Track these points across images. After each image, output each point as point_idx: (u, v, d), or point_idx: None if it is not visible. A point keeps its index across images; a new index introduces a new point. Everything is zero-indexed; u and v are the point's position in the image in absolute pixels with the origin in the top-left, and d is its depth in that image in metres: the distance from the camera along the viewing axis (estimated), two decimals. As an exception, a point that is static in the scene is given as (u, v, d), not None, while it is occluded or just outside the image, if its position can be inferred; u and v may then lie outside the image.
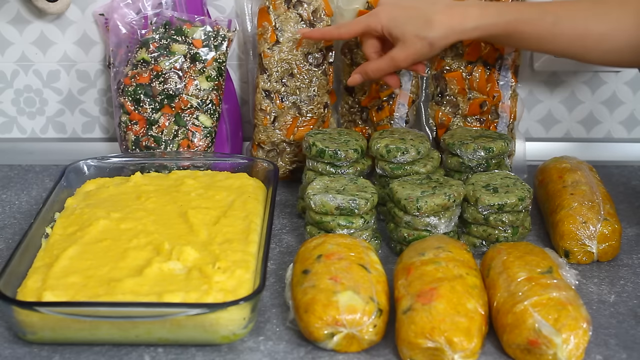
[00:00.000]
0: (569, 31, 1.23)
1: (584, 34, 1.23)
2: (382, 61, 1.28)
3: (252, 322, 1.08)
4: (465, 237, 1.28)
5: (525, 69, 1.50)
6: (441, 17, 1.23)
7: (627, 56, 1.23)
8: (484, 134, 1.38)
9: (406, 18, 1.24)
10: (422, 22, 1.23)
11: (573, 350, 1.01)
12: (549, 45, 1.26)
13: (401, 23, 1.24)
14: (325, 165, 1.32)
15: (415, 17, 1.24)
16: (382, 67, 1.29)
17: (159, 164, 1.39)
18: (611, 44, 1.22)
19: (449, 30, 1.23)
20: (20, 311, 1.04)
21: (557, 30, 1.23)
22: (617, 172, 1.53)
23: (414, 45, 1.24)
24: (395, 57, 1.26)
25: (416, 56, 1.25)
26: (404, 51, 1.25)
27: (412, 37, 1.23)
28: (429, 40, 1.23)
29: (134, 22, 1.46)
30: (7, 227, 1.36)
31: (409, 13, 1.25)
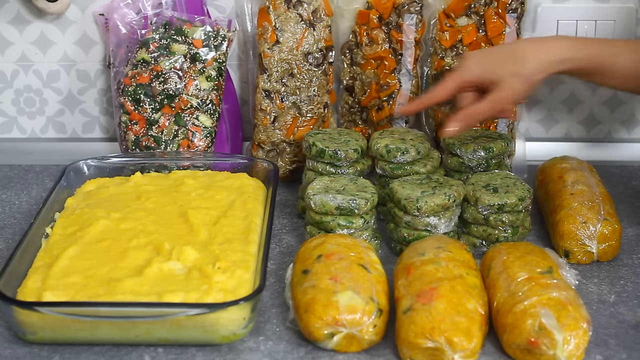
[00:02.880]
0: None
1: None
2: (482, 107, 1.23)
3: (252, 322, 1.08)
4: (465, 237, 1.28)
5: (525, 69, 1.50)
6: (532, 52, 1.22)
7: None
8: (484, 134, 1.38)
9: (498, 60, 1.24)
10: (515, 60, 1.22)
11: (573, 350, 1.01)
12: (637, 81, 1.23)
13: (494, 66, 1.23)
14: (325, 165, 1.32)
15: (506, 57, 1.24)
16: (482, 113, 1.24)
17: (159, 164, 1.39)
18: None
19: (542, 63, 1.21)
20: (20, 311, 1.04)
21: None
22: (617, 172, 1.53)
23: (511, 85, 1.21)
24: (496, 100, 1.22)
25: (515, 95, 1.22)
26: (503, 91, 1.22)
27: (509, 77, 1.21)
28: (525, 77, 1.21)
29: (134, 22, 1.46)
30: (7, 227, 1.36)
31: (499, 55, 1.25)
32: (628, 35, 1.52)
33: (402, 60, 1.44)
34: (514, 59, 1.22)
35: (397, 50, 1.45)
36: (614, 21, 1.51)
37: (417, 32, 1.44)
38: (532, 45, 1.24)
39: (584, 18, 1.52)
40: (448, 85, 1.26)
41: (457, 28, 1.44)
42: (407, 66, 1.45)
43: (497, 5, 1.42)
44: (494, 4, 1.42)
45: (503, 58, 1.24)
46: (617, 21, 1.52)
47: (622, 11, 1.52)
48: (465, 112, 1.24)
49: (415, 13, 1.43)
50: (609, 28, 1.52)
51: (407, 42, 1.44)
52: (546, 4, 1.51)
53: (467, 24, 1.43)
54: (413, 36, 1.44)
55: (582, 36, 1.26)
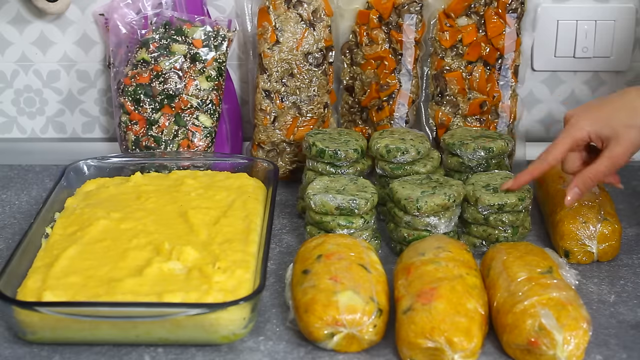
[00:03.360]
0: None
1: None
2: (600, 166, 1.17)
3: (252, 322, 1.08)
4: (465, 237, 1.28)
5: (525, 69, 1.50)
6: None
7: None
8: (484, 134, 1.38)
9: (609, 114, 1.18)
10: (627, 112, 1.17)
11: (573, 350, 1.01)
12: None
13: (607, 121, 1.17)
14: (325, 165, 1.32)
15: (616, 110, 1.18)
16: (601, 171, 1.18)
17: (159, 164, 1.39)
18: None
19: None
20: (20, 311, 1.04)
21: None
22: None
23: (628, 137, 1.15)
24: (613, 155, 1.17)
25: (633, 147, 1.17)
26: (621, 146, 1.16)
27: (624, 129, 1.16)
28: (638, 124, 1.16)
29: (134, 22, 1.46)
30: (7, 227, 1.36)
31: (608, 109, 1.19)
32: (628, 35, 1.52)
33: (402, 60, 1.44)
34: (627, 111, 1.17)
35: (397, 50, 1.45)
36: (614, 21, 1.52)
37: (417, 32, 1.44)
38: (639, 93, 1.18)
39: (584, 18, 1.52)
40: (560, 148, 1.20)
41: (457, 28, 1.44)
42: (407, 66, 1.45)
43: (497, 5, 1.42)
44: (494, 4, 1.42)
45: (614, 111, 1.18)
46: (617, 21, 1.52)
47: (622, 11, 1.52)
48: (585, 175, 1.19)
49: (415, 13, 1.43)
50: (609, 28, 1.52)
51: (407, 42, 1.44)
52: (546, 4, 1.51)
53: (467, 24, 1.43)
54: (413, 36, 1.44)
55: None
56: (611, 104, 1.19)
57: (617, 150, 1.16)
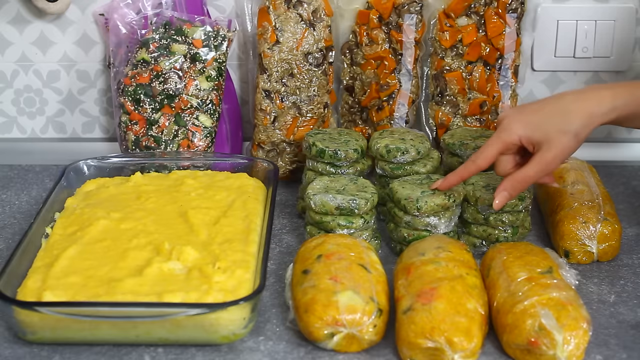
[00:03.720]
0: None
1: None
2: (530, 170, 1.15)
3: (252, 322, 1.08)
4: (465, 237, 1.28)
5: (525, 69, 1.50)
6: (576, 106, 1.15)
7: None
8: (484, 134, 1.38)
9: (541, 118, 1.15)
10: (560, 117, 1.14)
11: (573, 350, 1.01)
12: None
13: (539, 125, 1.15)
14: (325, 165, 1.32)
15: (550, 114, 1.15)
16: (531, 177, 1.16)
17: (159, 164, 1.39)
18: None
19: (589, 117, 1.14)
20: (20, 311, 1.04)
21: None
22: (617, 172, 1.53)
23: (560, 142, 1.13)
24: (544, 160, 1.14)
25: (564, 153, 1.15)
26: (551, 151, 1.14)
27: (556, 135, 1.13)
28: (572, 133, 1.13)
29: (134, 22, 1.46)
30: (7, 227, 1.36)
31: (542, 112, 1.16)
32: (628, 35, 1.52)
33: (402, 60, 1.44)
34: (561, 115, 1.15)
35: (397, 50, 1.45)
36: (614, 21, 1.52)
37: (417, 32, 1.44)
38: (575, 98, 1.16)
39: (584, 18, 1.52)
40: (490, 151, 1.18)
41: (457, 28, 1.44)
42: (407, 66, 1.45)
43: (497, 5, 1.42)
44: (494, 4, 1.42)
45: (547, 115, 1.15)
46: (617, 21, 1.52)
47: (622, 11, 1.52)
48: (514, 179, 1.16)
49: (415, 13, 1.43)
50: (609, 28, 1.52)
51: (407, 42, 1.44)
52: (546, 4, 1.51)
53: (467, 24, 1.43)
54: (413, 36, 1.44)
55: (619, 82, 1.18)
56: (545, 107, 1.17)
57: (547, 156, 1.14)
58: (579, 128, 1.14)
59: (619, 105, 1.14)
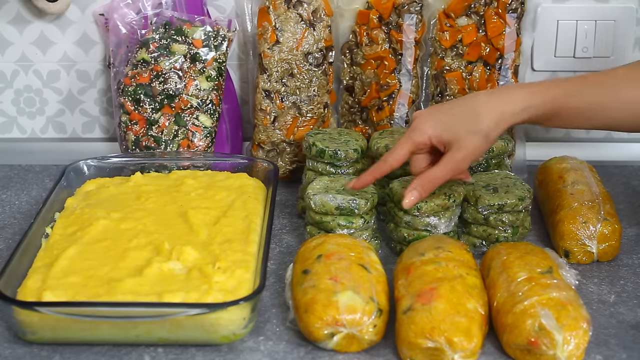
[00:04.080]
0: (614, 100, 1.16)
1: (629, 101, 1.15)
2: (440, 171, 1.16)
3: (252, 322, 1.08)
4: (465, 237, 1.28)
5: (525, 69, 1.50)
6: (487, 106, 1.15)
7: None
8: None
9: (452, 118, 1.16)
10: (470, 117, 1.14)
11: (573, 350, 1.01)
12: (595, 120, 1.17)
13: (449, 125, 1.15)
14: (325, 165, 1.32)
15: (460, 114, 1.16)
16: (440, 177, 1.16)
17: (159, 164, 1.39)
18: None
19: (499, 117, 1.14)
20: (20, 311, 1.04)
21: (603, 101, 1.15)
22: (617, 172, 1.53)
23: (470, 143, 1.13)
24: (454, 161, 1.15)
25: (475, 153, 1.15)
26: (462, 152, 1.14)
27: (466, 135, 1.13)
28: (482, 133, 1.13)
29: (134, 22, 1.46)
30: (7, 227, 1.36)
31: (453, 113, 1.16)
32: (628, 35, 1.52)
33: (402, 60, 1.44)
34: (471, 116, 1.14)
35: (397, 50, 1.45)
36: (614, 21, 1.52)
37: (417, 32, 1.44)
38: (486, 98, 1.16)
39: (584, 18, 1.52)
40: (401, 151, 1.18)
41: (457, 28, 1.44)
42: (407, 66, 1.45)
43: (497, 5, 1.42)
44: (494, 4, 1.42)
45: (458, 116, 1.15)
46: (617, 21, 1.52)
47: (622, 11, 1.52)
48: (423, 179, 1.17)
49: (415, 13, 1.43)
50: (609, 28, 1.52)
51: (407, 42, 1.44)
52: (546, 4, 1.51)
53: (467, 24, 1.43)
54: (413, 36, 1.44)
55: (537, 81, 1.18)
56: (456, 107, 1.17)
57: (457, 156, 1.14)
58: (489, 128, 1.14)
59: (533, 104, 1.14)
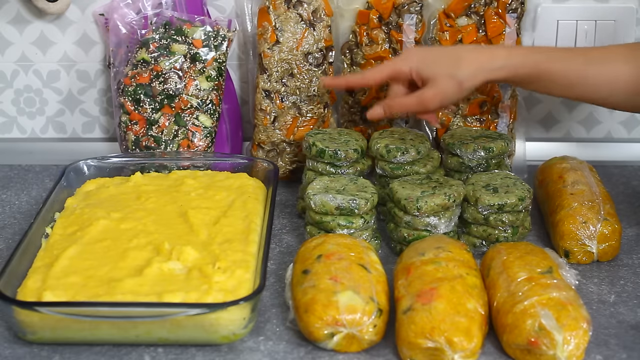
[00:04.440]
0: (599, 72, 1.21)
1: (615, 76, 1.20)
2: (408, 99, 1.25)
3: (252, 322, 1.08)
4: (465, 237, 1.28)
5: (525, 69, 1.50)
6: (470, 56, 1.23)
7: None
8: (484, 134, 1.38)
9: (435, 58, 1.25)
10: (452, 61, 1.23)
11: (573, 350, 1.01)
12: (577, 88, 1.22)
13: (430, 63, 1.24)
14: (325, 165, 1.32)
15: (444, 57, 1.25)
16: (407, 105, 1.26)
17: (159, 164, 1.39)
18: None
19: (478, 69, 1.22)
20: (20, 311, 1.04)
21: (587, 72, 1.21)
22: (617, 172, 1.53)
23: (443, 84, 1.22)
24: (424, 96, 1.23)
25: (444, 95, 1.23)
26: (433, 90, 1.22)
27: (442, 76, 1.22)
28: (458, 79, 1.21)
29: (134, 22, 1.46)
30: (7, 227, 1.36)
31: (438, 54, 1.27)
32: (628, 35, 1.52)
33: (402, 60, 1.44)
34: (452, 61, 1.23)
35: (397, 50, 1.45)
36: (614, 21, 1.52)
37: (417, 32, 1.44)
38: (471, 50, 1.26)
39: (584, 18, 1.52)
40: (382, 70, 1.27)
41: (457, 28, 1.44)
42: (407, 66, 1.44)
43: (497, 5, 1.42)
44: (494, 4, 1.42)
45: (441, 58, 1.24)
46: (617, 21, 1.52)
47: (622, 11, 1.52)
48: (390, 101, 1.26)
49: (415, 13, 1.43)
50: (609, 28, 1.52)
51: (407, 42, 1.44)
52: (546, 4, 1.51)
53: (467, 24, 1.43)
54: (413, 36, 1.44)
55: (527, 45, 1.27)
56: (443, 52, 1.28)
57: (428, 92, 1.22)
58: (465, 77, 1.22)
59: (511, 64, 1.22)
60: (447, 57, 1.24)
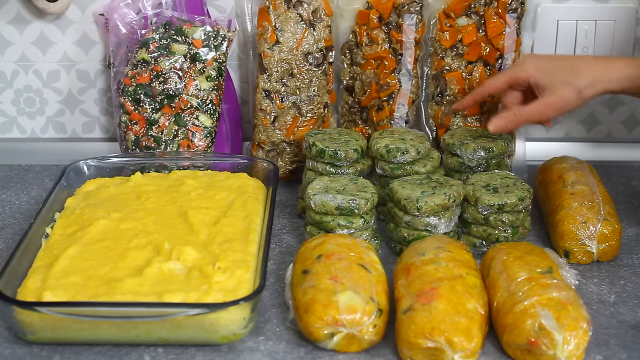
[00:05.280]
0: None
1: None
2: (528, 109, 1.26)
3: (252, 322, 1.08)
4: (465, 237, 1.28)
5: (525, 69, 1.50)
6: (588, 66, 1.24)
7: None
8: (484, 133, 1.38)
9: (554, 67, 1.26)
10: (570, 70, 1.24)
11: (573, 350, 1.01)
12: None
13: (549, 71, 1.25)
14: (325, 165, 1.32)
15: (562, 65, 1.26)
16: (528, 114, 1.26)
17: (159, 164, 1.39)
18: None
19: (596, 79, 1.23)
20: (20, 311, 1.04)
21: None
22: (617, 172, 1.53)
23: (562, 92, 1.23)
24: (543, 103, 1.25)
25: (564, 104, 1.24)
26: (552, 97, 1.24)
27: (560, 84, 1.23)
28: (577, 88, 1.22)
29: (134, 22, 1.46)
30: (7, 227, 1.36)
31: (556, 62, 1.27)
32: (628, 35, 1.52)
33: (402, 60, 1.44)
34: (571, 69, 1.24)
35: (397, 50, 1.45)
36: (614, 21, 1.52)
37: (417, 32, 1.44)
38: (589, 61, 1.25)
39: (584, 18, 1.52)
40: (501, 79, 1.29)
41: (457, 28, 1.44)
42: (407, 66, 1.45)
43: (497, 5, 1.42)
44: (494, 4, 1.42)
45: (560, 66, 1.25)
46: (617, 21, 1.52)
47: (622, 11, 1.52)
48: (511, 112, 1.26)
49: (415, 13, 1.43)
50: (609, 28, 1.52)
51: (407, 42, 1.44)
52: (546, 4, 1.51)
53: (467, 24, 1.43)
54: (413, 36, 1.44)
55: (636, 57, 1.28)
56: (560, 59, 1.29)
57: (547, 100, 1.24)
58: (584, 86, 1.22)
59: (629, 75, 1.21)
60: (564, 66, 1.25)
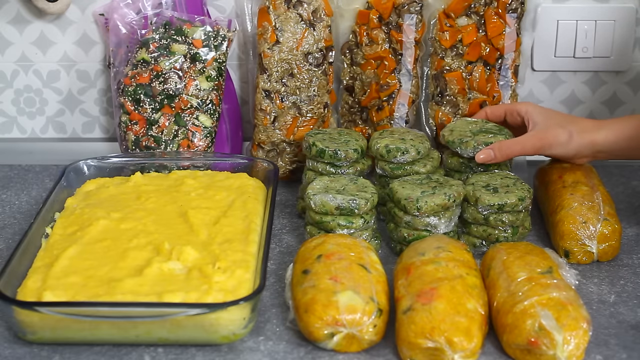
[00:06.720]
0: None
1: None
2: (516, 139, 1.32)
3: (252, 322, 1.08)
4: (465, 237, 1.28)
5: (525, 69, 1.50)
6: (585, 120, 1.33)
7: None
8: (483, 128, 1.37)
9: (550, 112, 1.34)
10: (566, 119, 1.32)
11: (573, 350, 1.01)
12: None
13: (545, 112, 1.34)
14: (325, 165, 1.32)
15: (558, 113, 1.35)
16: (510, 148, 1.31)
17: (159, 164, 1.39)
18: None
19: (587, 130, 1.30)
20: (20, 311, 1.04)
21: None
22: (617, 172, 1.53)
23: (554, 130, 1.30)
24: (535, 135, 1.31)
25: (553, 140, 1.30)
26: (544, 132, 1.31)
27: (554, 126, 1.31)
28: (569, 130, 1.30)
29: (134, 22, 1.46)
30: (7, 227, 1.36)
31: (554, 112, 1.35)
32: (628, 35, 1.52)
33: (402, 60, 1.45)
34: (565, 118, 1.33)
35: (397, 50, 1.45)
36: (614, 21, 1.52)
37: (417, 32, 1.44)
38: (588, 121, 1.33)
39: (584, 18, 1.52)
40: (499, 107, 1.40)
41: (457, 28, 1.44)
42: (407, 66, 1.45)
43: (497, 5, 1.42)
44: (494, 4, 1.42)
45: (556, 113, 1.35)
46: (617, 21, 1.52)
47: (622, 11, 1.52)
48: (499, 143, 1.31)
49: (415, 13, 1.43)
50: (609, 28, 1.52)
51: (407, 42, 1.44)
52: (546, 4, 1.51)
53: (467, 24, 1.43)
54: (413, 36, 1.44)
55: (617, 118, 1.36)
56: (560, 113, 1.36)
57: (539, 133, 1.31)
58: (576, 130, 1.30)
59: (616, 127, 1.29)
60: (560, 114, 1.34)
